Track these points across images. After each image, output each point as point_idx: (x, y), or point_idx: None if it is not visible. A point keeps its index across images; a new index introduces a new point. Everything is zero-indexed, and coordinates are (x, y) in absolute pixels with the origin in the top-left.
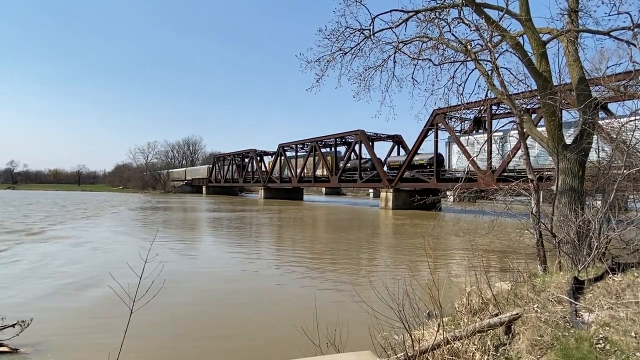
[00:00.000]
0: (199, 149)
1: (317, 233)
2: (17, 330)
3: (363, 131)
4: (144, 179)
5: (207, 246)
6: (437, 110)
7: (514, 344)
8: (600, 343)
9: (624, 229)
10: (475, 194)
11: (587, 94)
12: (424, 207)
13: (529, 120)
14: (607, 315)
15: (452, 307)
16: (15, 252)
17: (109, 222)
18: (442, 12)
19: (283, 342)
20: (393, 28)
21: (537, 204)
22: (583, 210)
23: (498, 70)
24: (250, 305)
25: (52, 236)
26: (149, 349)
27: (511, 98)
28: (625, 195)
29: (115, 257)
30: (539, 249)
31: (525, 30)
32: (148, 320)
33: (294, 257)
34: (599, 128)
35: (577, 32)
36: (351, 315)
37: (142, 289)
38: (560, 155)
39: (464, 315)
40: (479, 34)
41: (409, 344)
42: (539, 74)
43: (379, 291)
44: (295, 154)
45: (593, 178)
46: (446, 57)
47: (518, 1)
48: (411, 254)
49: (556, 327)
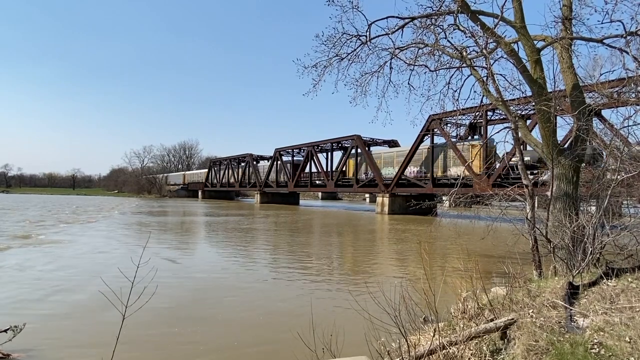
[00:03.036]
0: (195, 153)
1: (314, 238)
2: (9, 335)
3: (359, 136)
4: (140, 183)
5: (201, 252)
6: (433, 116)
7: (510, 349)
8: (595, 348)
9: (618, 235)
10: (471, 199)
11: (581, 101)
12: (420, 212)
13: (524, 126)
14: (601, 320)
15: (448, 312)
16: (5, 256)
17: (103, 227)
18: (438, 18)
19: (279, 347)
20: (389, 34)
21: (532, 209)
22: (577, 215)
23: (493, 76)
24: (245, 310)
25: (45, 240)
26: (142, 355)
27: (506, 104)
28: (619, 200)
29: (109, 261)
30: (534, 254)
31: (520, 37)
32: (141, 325)
33: (289, 262)
34: (594, 134)
35: (571, 40)
36: (347, 320)
37: (134, 294)
38: (555, 161)
39: (460, 321)
40: (474, 40)
41: (405, 349)
42: (534, 81)
43: (375, 296)
44: (291, 158)
45: (587, 184)
46: (442, 63)
47: (513, 8)
48: (407, 259)
49: (551, 332)
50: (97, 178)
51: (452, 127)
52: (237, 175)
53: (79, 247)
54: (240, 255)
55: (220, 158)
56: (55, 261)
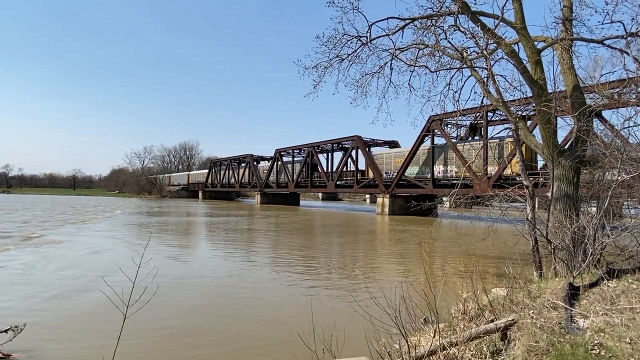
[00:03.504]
0: (195, 153)
1: (314, 238)
2: (10, 335)
3: (360, 137)
4: (140, 183)
5: (202, 252)
6: (434, 117)
7: (510, 350)
8: (596, 349)
9: (619, 236)
10: (471, 200)
11: (582, 102)
12: (421, 212)
13: (524, 127)
14: (602, 321)
15: (448, 313)
16: (7, 256)
17: (104, 227)
18: (439, 19)
19: (279, 347)
20: (390, 35)
21: (533, 210)
22: (578, 216)
23: (494, 77)
24: (245, 310)
25: (46, 241)
26: (144, 354)
27: (507, 105)
28: (620, 201)
29: (110, 261)
30: (535, 255)
31: (520, 38)
32: (142, 325)
33: (290, 263)
34: (594, 135)
35: (571, 41)
36: (348, 321)
37: (135, 295)
38: (555, 162)
39: (460, 321)
40: (474, 41)
41: (405, 349)
42: (534, 82)
43: (375, 297)
44: (292, 159)
45: (588, 184)
46: (442, 64)
47: (513, 9)
48: (407, 260)
49: (552, 333)
50: (97, 178)
51: (452, 128)
52: (237, 176)
53: (79, 247)
54: (239, 255)
55: (220, 158)
56: (57, 261)
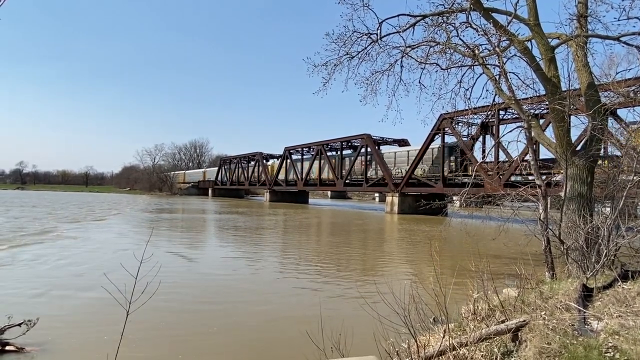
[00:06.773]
0: (205, 151)
1: (323, 237)
2: (23, 329)
3: (369, 135)
4: (151, 180)
5: (213, 249)
6: (444, 115)
7: (521, 351)
8: (610, 352)
9: (634, 237)
10: (482, 199)
11: (597, 100)
12: (430, 212)
13: (537, 126)
14: (616, 324)
15: (458, 313)
16: (15, 253)
17: (117, 224)
18: (450, 16)
19: (287, 345)
20: (400, 32)
21: (545, 210)
22: (592, 216)
23: (506, 75)
24: (254, 308)
25: (63, 236)
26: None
27: (519, 103)
28: (635, 202)
29: (122, 257)
30: (547, 256)
31: (533, 35)
32: (149, 321)
33: (299, 261)
34: (609, 134)
35: (586, 37)
36: (356, 320)
37: (140, 290)
38: (569, 161)
39: (470, 322)
40: (486, 38)
41: (414, 349)
42: (548, 79)
43: (384, 296)
44: (301, 157)
45: (602, 184)
46: (454, 62)
47: (526, 6)
48: (417, 259)
49: (564, 335)
50: (109, 176)
51: (463, 127)
52: (247, 174)
53: (92, 243)
54: (249, 252)
55: (230, 156)
56: (70, 256)
